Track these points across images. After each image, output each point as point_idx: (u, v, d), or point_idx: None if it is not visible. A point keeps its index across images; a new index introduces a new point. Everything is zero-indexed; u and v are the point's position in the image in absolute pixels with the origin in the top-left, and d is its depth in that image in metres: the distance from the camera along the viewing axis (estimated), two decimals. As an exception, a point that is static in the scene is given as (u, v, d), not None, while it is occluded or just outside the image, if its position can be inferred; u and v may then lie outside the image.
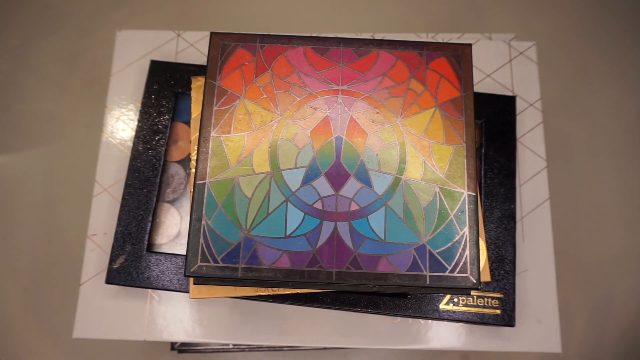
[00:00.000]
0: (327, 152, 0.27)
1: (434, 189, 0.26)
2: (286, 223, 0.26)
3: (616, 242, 0.50)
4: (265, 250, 0.25)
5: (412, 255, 0.25)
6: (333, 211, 0.26)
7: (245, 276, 0.25)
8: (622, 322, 0.47)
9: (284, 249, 0.25)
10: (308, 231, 0.26)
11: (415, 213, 0.26)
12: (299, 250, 0.25)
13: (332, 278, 0.25)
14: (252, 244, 0.25)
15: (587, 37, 0.58)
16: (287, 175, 0.26)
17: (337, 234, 0.26)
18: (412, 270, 0.25)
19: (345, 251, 0.25)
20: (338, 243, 0.26)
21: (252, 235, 0.25)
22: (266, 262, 0.25)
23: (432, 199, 0.26)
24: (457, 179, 0.26)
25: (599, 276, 0.49)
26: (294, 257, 0.25)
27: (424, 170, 0.27)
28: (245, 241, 0.25)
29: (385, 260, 0.25)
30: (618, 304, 0.48)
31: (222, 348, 0.46)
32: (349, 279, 0.25)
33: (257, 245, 0.25)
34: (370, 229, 0.26)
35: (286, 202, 0.26)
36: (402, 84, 0.28)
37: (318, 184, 0.26)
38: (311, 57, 0.28)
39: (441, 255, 0.25)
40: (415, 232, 0.26)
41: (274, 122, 0.27)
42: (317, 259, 0.25)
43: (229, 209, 0.26)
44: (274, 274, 0.25)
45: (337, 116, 0.27)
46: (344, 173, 0.27)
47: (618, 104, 0.55)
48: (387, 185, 0.26)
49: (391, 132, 0.27)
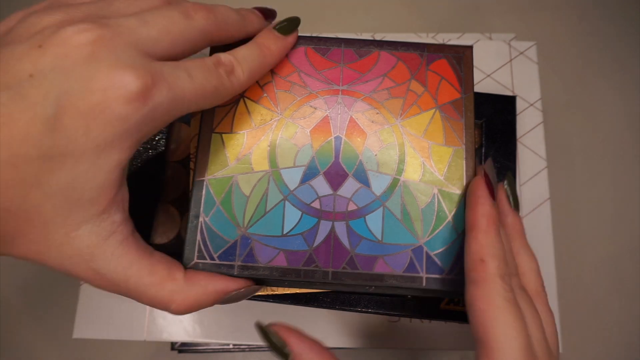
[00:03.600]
0: (326, 152, 0.27)
1: (432, 190, 0.26)
2: (283, 221, 0.26)
3: (616, 242, 0.50)
4: (261, 249, 0.25)
5: (409, 256, 0.25)
6: (331, 210, 0.26)
7: (241, 274, 0.25)
8: (622, 322, 0.47)
9: (281, 247, 0.25)
10: (305, 230, 0.25)
11: (413, 214, 0.26)
12: (295, 249, 0.25)
13: (328, 278, 0.25)
14: (248, 242, 0.25)
15: (587, 37, 0.58)
16: (286, 174, 0.26)
17: (334, 233, 0.26)
18: (408, 272, 0.25)
19: (342, 251, 0.25)
20: (335, 243, 0.25)
21: (249, 233, 0.25)
22: (262, 261, 0.25)
23: (430, 201, 0.26)
24: (455, 180, 0.26)
25: (599, 276, 0.49)
26: (290, 256, 0.25)
27: (422, 171, 0.27)
28: (242, 239, 0.25)
29: (382, 261, 0.25)
30: (618, 304, 0.48)
31: (222, 348, 0.46)
32: (345, 279, 0.25)
33: (253, 244, 0.25)
34: (367, 229, 0.26)
35: (284, 200, 0.26)
36: (403, 84, 0.28)
37: (316, 183, 0.26)
38: (312, 57, 0.28)
39: (438, 257, 0.25)
40: (412, 233, 0.26)
41: (273, 121, 0.27)
42: (313, 259, 0.25)
43: (227, 207, 0.26)
44: (270, 272, 0.25)
45: (337, 116, 0.27)
46: (342, 173, 0.27)
47: (618, 104, 0.55)
48: (385, 185, 0.26)
49: (390, 133, 0.27)
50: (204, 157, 0.27)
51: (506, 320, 0.21)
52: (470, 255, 0.23)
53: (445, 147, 0.27)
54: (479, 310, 0.22)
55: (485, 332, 0.22)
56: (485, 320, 0.22)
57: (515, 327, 0.21)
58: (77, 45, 0.18)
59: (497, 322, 0.21)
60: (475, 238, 0.24)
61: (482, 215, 0.24)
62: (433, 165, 0.27)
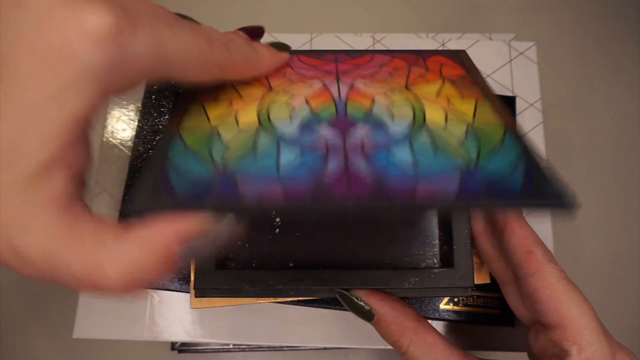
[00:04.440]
0: (327, 110, 0.21)
1: (464, 127, 0.20)
2: (278, 157, 0.19)
3: (616, 242, 0.50)
4: (247, 182, 0.18)
5: (459, 180, 0.18)
6: (341, 145, 0.19)
7: (217, 209, 0.17)
8: (622, 322, 0.47)
9: (276, 179, 0.18)
10: (309, 163, 0.19)
11: (451, 141, 0.20)
12: (296, 180, 0.18)
13: (350, 208, 0.17)
14: (228, 178, 0.18)
15: (587, 37, 0.58)
16: (279, 124, 0.20)
17: (350, 164, 0.18)
18: (463, 197, 0.17)
19: (362, 182, 0.18)
20: (352, 175, 0.18)
21: (229, 168, 0.18)
22: (249, 197, 0.17)
23: (465, 132, 0.20)
24: (490, 119, 0.21)
25: (599, 276, 0.49)
26: (290, 187, 0.17)
27: (446, 116, 0.21)
28: (219, 176, 0.18)
29: (421, 187, 0.17)
30: (618, 304, 0.48)
31: (222, 348, 0.46)
32: (376, 205, 0.17)
33: (236, 178, 0.18)
34: (394, 157, 0.19)
35: (278, 141, 0.20)
36: (402, 69, 0.26)
37: (319, 128, 0.20)
38: (305, 60, 0.27)
39: (497, 177, 0.18)
40: (456, 156, 0.19)
41: (264, 94, 0.23)
42: (324, 189, 0.17)
43: (201, 148, 0.19)
44: (261, 210, 0.17)
45: (336, 88, 0.23)
46: (351, 122, 0.21)
47: (618, 104, 0.55)
48: (406, 126, 0.20)
49: (401, 93, 0.22)
50: (176, 118, 0.21)
51: (575, 298, 0.22)
52: (516, 252, 0.24)
53: (466, 100, 0.22)
54: (546, 297, 0.23)
55: (561, 317, 0.22)
56: (557, 306, 0.22)
57: (583, 301, 0.22)
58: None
59: (569, 304, 0.22)
60: (513, 232, 0.24)
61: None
62: (457, 112, 0.21)
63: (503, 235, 0.25)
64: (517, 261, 0.24)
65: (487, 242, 0.27)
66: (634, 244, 0.50)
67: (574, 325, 0.22)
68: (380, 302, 0.25)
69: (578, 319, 0.22)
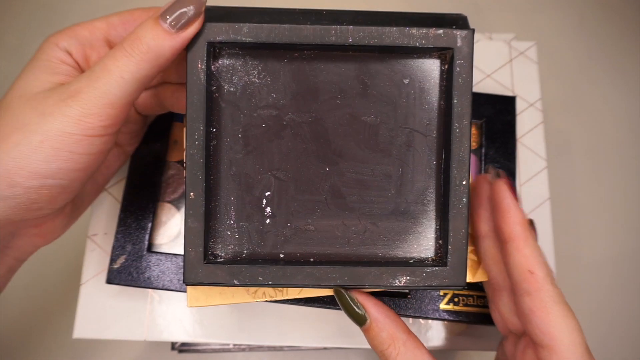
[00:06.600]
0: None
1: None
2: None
3: (616, 242, 0.50)
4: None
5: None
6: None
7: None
8: (623, 322, 0.47)
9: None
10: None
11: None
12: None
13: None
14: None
15: (587, 37, 0.58)
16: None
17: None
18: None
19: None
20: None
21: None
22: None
23: None
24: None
25: (599, 276, 0.49)
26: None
27: None
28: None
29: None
30: (618, 304, 0.48)
31: (222, 348, 0.46)
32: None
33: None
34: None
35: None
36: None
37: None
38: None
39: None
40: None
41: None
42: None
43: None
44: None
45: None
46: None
47: (618, 104, 0.55)
48: None
49: None
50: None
51: (568, 324, 0.23)
52: (517, 268, 0.24)
53: None
54: (540, 318, 0.23)
55: (552, 339, 0.23)
56: (551, 329, 0.23)
57: (576, 328, 0.23)
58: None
59: (562, 329, 0.23)
60: (517, 249, 0.24)
61: (516, 224, 0.24)
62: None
63: (506, 246, 0.24)
64: (517, 278, 0.24)
65: (489, 245, 0.27)
66: (634, 244, 0.50)
67: (563, 350, 0.22)
68: (376, 306, 0.25)
69: (567, 346, 0.22)
